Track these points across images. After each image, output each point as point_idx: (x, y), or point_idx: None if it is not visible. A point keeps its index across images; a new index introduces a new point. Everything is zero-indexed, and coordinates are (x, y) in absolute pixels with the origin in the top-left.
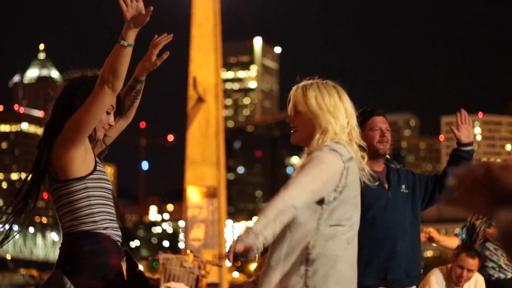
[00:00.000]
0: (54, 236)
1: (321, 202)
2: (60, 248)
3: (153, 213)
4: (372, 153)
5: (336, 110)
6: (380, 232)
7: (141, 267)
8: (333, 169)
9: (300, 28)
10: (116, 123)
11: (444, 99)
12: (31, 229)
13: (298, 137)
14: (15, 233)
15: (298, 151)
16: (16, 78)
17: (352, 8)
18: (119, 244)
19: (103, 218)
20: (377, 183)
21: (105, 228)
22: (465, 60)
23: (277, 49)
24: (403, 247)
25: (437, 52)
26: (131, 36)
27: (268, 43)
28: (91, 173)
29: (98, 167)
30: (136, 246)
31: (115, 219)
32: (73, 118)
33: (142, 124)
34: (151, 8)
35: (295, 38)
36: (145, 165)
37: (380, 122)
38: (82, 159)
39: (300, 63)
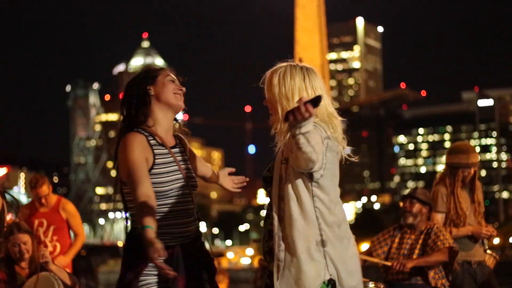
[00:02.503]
0: None
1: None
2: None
3: (261, 197)
4: None
5: (295, 93)
6: None
7: (250, 250)
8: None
9: (402, 6)
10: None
11: None
12: None
13: (271, 121)
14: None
15: (404, 130)
16: (121, 67)
17: None
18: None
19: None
20: None
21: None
22: None
23: (380, 28)
24: None
25: None
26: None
27: (370, 23)
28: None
29: (154, 169)
30: (245, 230)
31: (174, 212)
32: (125, 169)
33: (248, 108)
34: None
35: (397, 17)
36: (251, 149)
37: None
38: None
39: (403, 41)
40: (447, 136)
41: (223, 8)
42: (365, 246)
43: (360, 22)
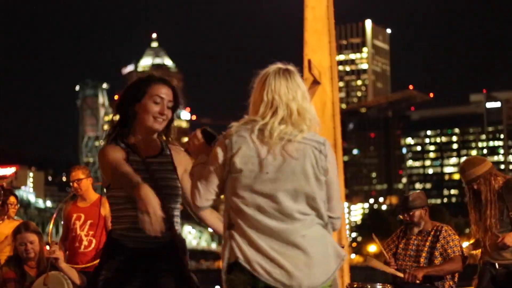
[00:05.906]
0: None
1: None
2: None
3: None
4: None
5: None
6: None
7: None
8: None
9: (410, 8)
10: None
11: None
12: None
13: None
14: None
15: (412, 131)
16: (130, 67)
17: None
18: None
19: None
20: None
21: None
22: None
23: (388, 30)
24: None
25: None
26: None
27: (379, 25)
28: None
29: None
30: None
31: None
32: (108, 172)
33: None
34: None
35: (405, 19)
36: None
37: None
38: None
39: (411, 43)
40: (454, 138)
41: (232, 9)
42: (372, 247)
43: (368, 24)
